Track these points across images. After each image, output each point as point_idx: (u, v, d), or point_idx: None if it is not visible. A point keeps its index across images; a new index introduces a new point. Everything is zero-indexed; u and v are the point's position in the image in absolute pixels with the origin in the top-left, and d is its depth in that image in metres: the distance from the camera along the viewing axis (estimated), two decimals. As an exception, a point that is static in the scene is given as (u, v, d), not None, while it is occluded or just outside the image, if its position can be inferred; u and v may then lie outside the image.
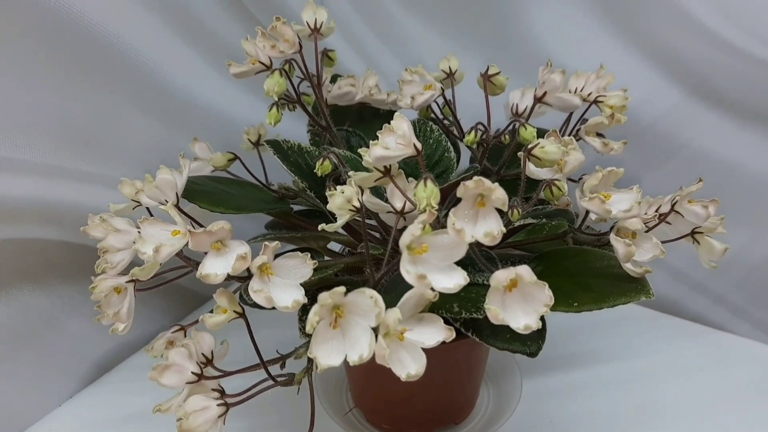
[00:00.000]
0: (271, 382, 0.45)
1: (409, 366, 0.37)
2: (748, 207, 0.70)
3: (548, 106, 0.56)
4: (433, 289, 0.37)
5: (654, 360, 0.71)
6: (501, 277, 0.37)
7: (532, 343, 0.45)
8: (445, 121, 0.60)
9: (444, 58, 0.60)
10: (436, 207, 0.40)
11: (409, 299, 0.37)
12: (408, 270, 0.36)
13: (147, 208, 0.54)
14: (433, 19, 0.77)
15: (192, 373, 0.44)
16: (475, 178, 0.37)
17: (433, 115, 0.59)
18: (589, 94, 0.56)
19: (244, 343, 0.47)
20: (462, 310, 0.42)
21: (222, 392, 0.45)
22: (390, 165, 0.43)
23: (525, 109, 0.59)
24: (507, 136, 0.54)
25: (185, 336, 0.52)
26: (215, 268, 0.41)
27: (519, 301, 0.38)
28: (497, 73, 0.56)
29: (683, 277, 0.76)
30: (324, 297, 0.36)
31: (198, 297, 0.82)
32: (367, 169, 0.45)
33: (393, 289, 0.43)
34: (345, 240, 0.56)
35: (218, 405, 0.43)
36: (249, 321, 0.46)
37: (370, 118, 0.61)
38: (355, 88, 0.58)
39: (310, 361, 0.45)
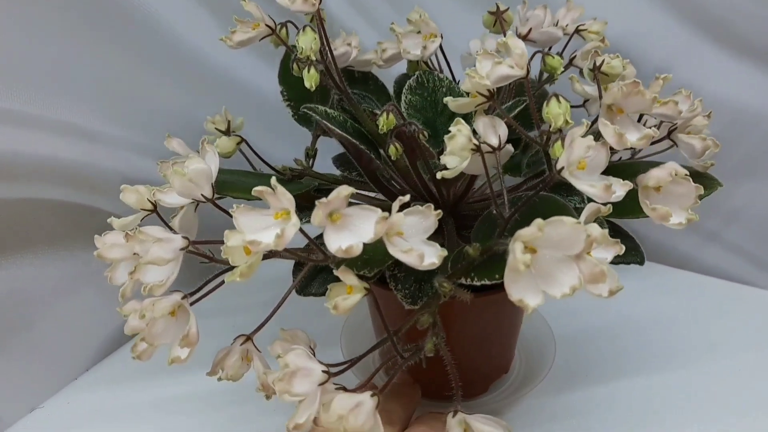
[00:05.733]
0: (399, 360, 0.41)
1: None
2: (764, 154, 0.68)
3: (532, 42, 0.57)
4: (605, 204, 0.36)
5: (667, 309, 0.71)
6: (661, 174, 0.37)
7: (636, 253, 0.46)
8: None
9: (413, 10, 0.58)
10: (572, 123, 0.39)
11: (585, 219, 0.36)
12: (593, 184, 0.35)
13: (159, 215, 0.46)
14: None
15: (322, 372, 0.38)
16: (622, 82, 0.37)
17: (426, 68, 0.57)
18: (566, 26, 0.58)
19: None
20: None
21: (343, 388, 0.39)
22: (495, 89, 0.41)
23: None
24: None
25: (254, 346, 0.45)
26: (349, 240, 0.35)
27: (663, 201, 0.39)
28: (507, 9, 0.55)
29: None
30: (524, 232, 0.32)
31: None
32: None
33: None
34: (381, 206, 0.52)
35: (371, 396, 0.38)
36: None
37: (363, 80, 0.57)
38: (350, 48, 0.54)
39: (434, 326, 0.41)
